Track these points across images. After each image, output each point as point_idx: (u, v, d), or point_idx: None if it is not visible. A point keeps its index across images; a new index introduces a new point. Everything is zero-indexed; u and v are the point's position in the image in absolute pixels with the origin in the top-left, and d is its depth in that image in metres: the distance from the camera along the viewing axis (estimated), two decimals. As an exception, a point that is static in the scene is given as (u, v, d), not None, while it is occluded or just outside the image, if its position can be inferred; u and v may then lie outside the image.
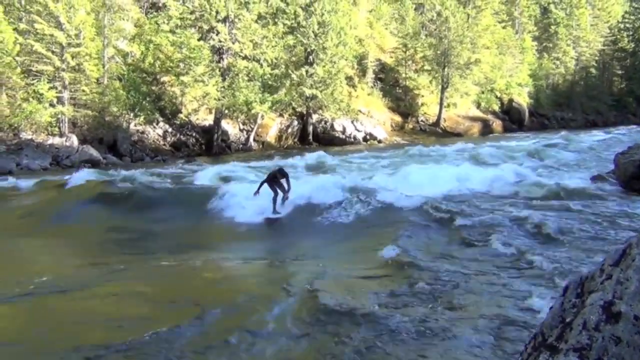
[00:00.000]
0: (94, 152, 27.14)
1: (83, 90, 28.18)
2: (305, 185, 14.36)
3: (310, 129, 37.95)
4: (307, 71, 35.75)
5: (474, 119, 50.58)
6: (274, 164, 20.44)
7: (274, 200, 12.96)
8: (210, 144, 32.67)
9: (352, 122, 39.71)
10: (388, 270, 8.09)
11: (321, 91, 35.84)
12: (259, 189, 12.99)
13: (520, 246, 8.77)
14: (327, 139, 38.02)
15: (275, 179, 13.09)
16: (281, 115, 37.35)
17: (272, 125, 36.89)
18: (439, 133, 45.79)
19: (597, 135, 38.24)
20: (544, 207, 11.95)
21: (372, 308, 6.29)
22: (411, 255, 8.66)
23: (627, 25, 69.65)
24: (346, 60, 39.07)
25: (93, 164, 26.05)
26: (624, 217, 10.76)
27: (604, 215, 10.98)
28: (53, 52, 27.11)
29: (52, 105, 27.23)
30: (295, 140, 37.60)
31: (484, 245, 9.12)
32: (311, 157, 25.39)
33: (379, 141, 39.84)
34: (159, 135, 31.70)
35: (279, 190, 13.05)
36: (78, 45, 27.49)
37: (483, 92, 52.61)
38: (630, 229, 9.61)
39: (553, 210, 11.55)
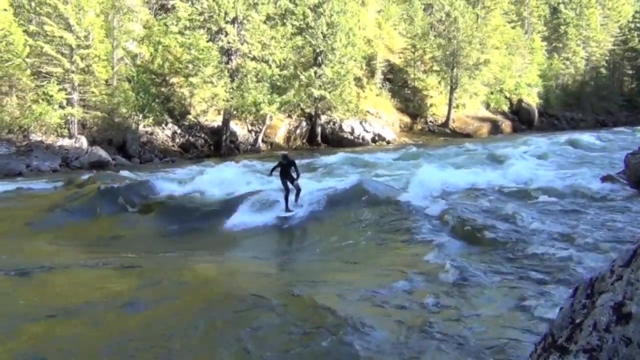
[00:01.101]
0: (103, 153, 27.27)
1: (92, 92, 28.33)
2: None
3: (319, 129, 37.96)
4: (315, 72, 35.74)
5: (483, 119, 50.44)
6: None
7: (286, 198, 12.83)
8: (219, 145, 32.74)
9: (361, 123, 39.70)
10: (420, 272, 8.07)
11: (330, 92, 35.83)
12: (271, 172, 13.18)
13: (530, 246, 8.77)
14: (335, 140, 38.03)
15: (285, 169, 12.96)
16: (290, 116, 37.39)
17: (281, 126, 36.93)
18: (447, 134, 45.68)
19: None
20: (555, 207, 11.98)
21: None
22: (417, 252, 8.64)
23: (638, 24, 69.06)
24: (355, 61, 39.08)
25: (102, 165, 26.17)
26: (635, 218, 10.72)
27: (614, 215, 10.99)
28: (62, 54, 27.27)
29: (61, 106, 27.38)
30: (304, 141, 37.64)
31: (493, 245, 9.11)
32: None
33: (388, 142, 39.77)
34: (168, 136, 31.82)
35: (290, 186, 12.90)
36: (87, 47, 27.65)
37: (492, 93, 52.51)
38: None
39: (563, 211, 11.59)
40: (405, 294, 6.98)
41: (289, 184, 12.92)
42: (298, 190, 12.99)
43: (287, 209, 12.73)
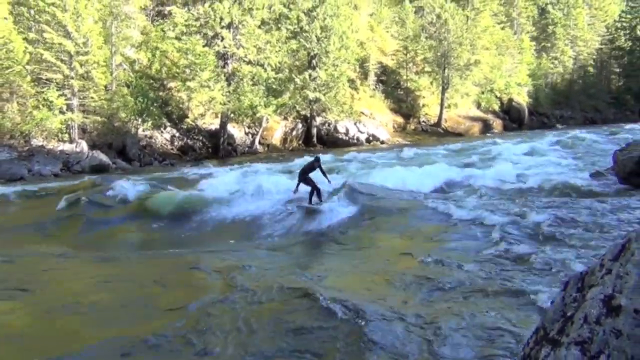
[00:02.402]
0: (103, 157, 27.51)
1: (92, 97, 28.57)
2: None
3: (314, 131, 38.43)
4: (310, 75, 36.19)
5: (474, 118, 51.09)
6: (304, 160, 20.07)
7: (310, 193, 12.94)
8: (217, 148, 33.16)
9: (355, 123, 40.21)
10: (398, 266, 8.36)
11: (324, 94, 36.30)
12: (297, 187, 13.04)
13: (521, 242, 8.86)
14: (331, 141, 38.54)
15: (310, 171, 12.95)
16: (285, 118, 37.84)
17: (277, 128, 37.39)
18: (440, 133, 46.28)
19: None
20: (545, 204, 12.03)
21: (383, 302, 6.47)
22: (412, 250, 8.95)
23: (624, 24, 70.07)
24: (348, 63, 39.50)
25: (103, 168, 26.48)
26: (624, 212, 10.71)
27: (603, 210, 10.97)
28: (62, 60, 27.46)
29: (61, 112, 27.61)
30: (300, 142, 38.12)
31: (484, 241, 9.19)
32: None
33: (382, 142, 40.30)
34: (167, 140, 32.19)
35: (312, 184, 12.95)
36: (86, 53, 27.89)
37: (483, 92, 53.08)
38: (630, 224, 9.61)
39: (554, 207, 11.58)
40: (400, 288, 7.18)
41: (314, 184, 13.04)
42: (318, 188, 13.09)
43: (311, 203, 12.92)
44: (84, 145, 27.95)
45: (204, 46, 31.82)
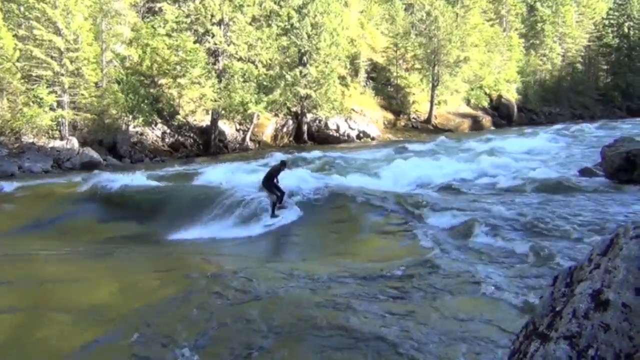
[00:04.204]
0: (94, 154, 27.47)
1: (82, 94, 28.45)
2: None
3: (305, 128, 38.55)
4: (301, 72, 36.31)
5: (464, 115, 51.45)
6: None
7: (273, 204, 12.32)
8: (208, 144, 33.19)
9: (346, 120, 40.41)
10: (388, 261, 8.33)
11: (315, 91, 36.44)
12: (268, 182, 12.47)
13: (510, 238, 8.92)
14: (321, 138, 38.70)
15: (273, 176, 12.52)
16: (276, 115, 37.91)
17: (268, 125, 37.47)
18: (430, 130, 46.53)
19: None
20: (534, 199, 12.23)
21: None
22: (406, 249, 8.98)
23: (612, 21, 70.89)
24: (339, 60, 39.72)
25: (94, 165, 26.40)
26: (612, 208, 10.92)
27: (592, 206, 11.19)
28: (52, 57, 27.33)
29: (52, 109, 27.49)
30: (291, 139, 38.21)
31: (473, 237, 9.24)
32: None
33: (372, 138, 40.56)
34: (158, 137, 32.17)
35: (277, 192, 12.45)
36: (76, 50, 27.79)
37: (472, 89, 53.43)
38: (618, 219, 9.71)
39: (543, 202, 11.77)
40: (386, 282, 7.21)
41: (275, 191, 12.45)
42: (282, 193, 12.58)
43: (274, 215, 12.24)
44: (74, 142, 27.89)
45: (194, 43, 31.87)
